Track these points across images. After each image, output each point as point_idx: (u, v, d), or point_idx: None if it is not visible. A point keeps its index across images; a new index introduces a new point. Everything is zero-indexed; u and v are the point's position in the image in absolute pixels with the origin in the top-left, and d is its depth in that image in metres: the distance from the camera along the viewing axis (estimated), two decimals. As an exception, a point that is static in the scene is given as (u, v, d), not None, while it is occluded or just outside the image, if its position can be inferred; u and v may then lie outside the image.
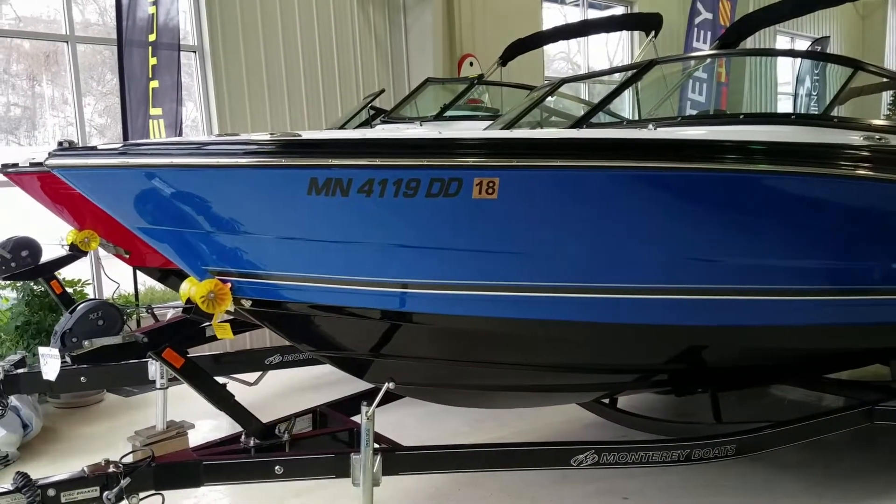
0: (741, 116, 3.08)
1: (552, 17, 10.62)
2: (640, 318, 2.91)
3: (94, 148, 2.61)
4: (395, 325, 2.92)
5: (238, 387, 4.48)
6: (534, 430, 4.54)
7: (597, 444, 2.95)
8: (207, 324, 3.20)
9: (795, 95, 12.84)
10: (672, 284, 2.88)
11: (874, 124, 3.14)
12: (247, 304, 2.77)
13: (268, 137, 2.45)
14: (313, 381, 5.70)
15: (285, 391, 5.60)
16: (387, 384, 2.80)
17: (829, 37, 13.47)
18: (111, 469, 2.69)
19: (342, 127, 6.22)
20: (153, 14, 6.32)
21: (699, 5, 9.98)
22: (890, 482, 3.68)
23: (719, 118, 3.47)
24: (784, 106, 13.38)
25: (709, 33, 10.07)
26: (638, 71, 3.40)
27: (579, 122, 3.26)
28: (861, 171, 2.89)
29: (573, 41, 11.11)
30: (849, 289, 3.18)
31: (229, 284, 2.70)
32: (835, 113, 3.18)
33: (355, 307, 2.81)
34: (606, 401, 4.24)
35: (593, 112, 3.28)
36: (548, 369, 3.24)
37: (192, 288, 2.64)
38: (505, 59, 7.15)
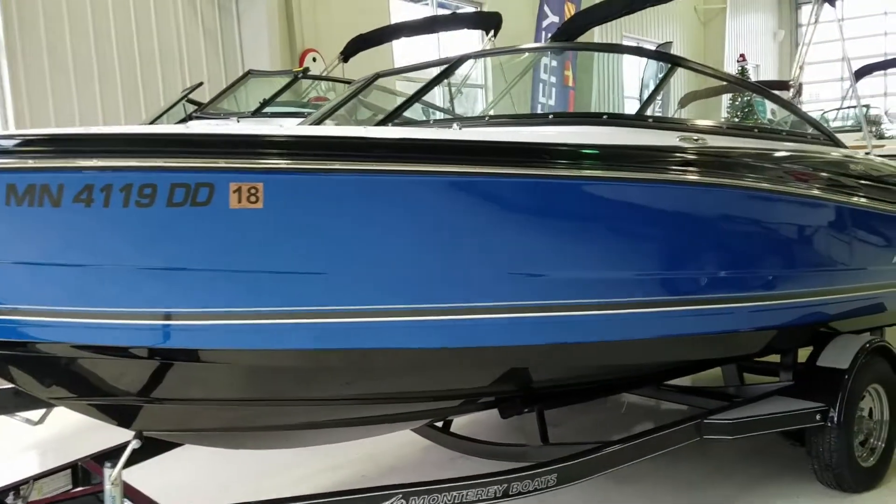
0: (550, 116, 2.83)
1: (404, 15, 10.32)
2: (458, 342, 2.58)
3: None
4: (165, 363, 2.43)
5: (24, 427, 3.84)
6: (369, 456, 4.15)
7: (404, 487, 2.59)
8: None
9: (640, 98, 13.30)
10: (491, 303, 2.57)
11: (693, 125, 2.96)
12: None
13: None
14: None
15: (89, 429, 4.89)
16: (132, 443, 2.30)
17: (671, 42, 14.02)
18: None
19: (153, 122, 5.57)
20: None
21: (546, 8, 10.01)
22: (728, 487, 3.62)
23: (529, 118, 3.24)
24: (631, 109, 13.81)
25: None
26: (449, 66, 3.11)
27: (384, 121, 2.90)
28: (674, 175, 2.69)
29: (438, 45, 10.94)
30: (673, 300, 3.00)
31: None
32: (672, 114, 3.01)
33: (107, 344, 2.29)
34: (439, 423, 3.92)
35: (401, 109, 2.94)
36: (355, 402, 2.87)
37: None
38: (346, 54, 6.77)
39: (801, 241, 3.39)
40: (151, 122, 5.62)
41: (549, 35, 10.21)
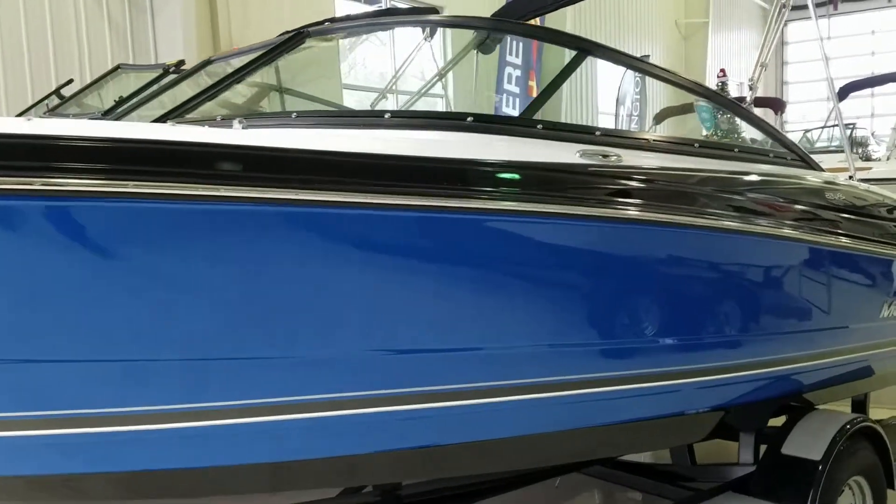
0: (386, 116, 2.00)
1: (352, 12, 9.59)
2: (285, 454, 1.77)
3: None
4: None
5: None
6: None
7: None
8: None
9: (616, 114, 12.52)
10: (327, 395, 1.75)
11: (604, 137, 2.10)
12: None
13: None
14: None
15: None
16: None
17: (649, 55, 13.31)
18: None
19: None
20: None
21: (509, 10, 9.28)
22: None
23: (360, 116, 2.42)
24: (606, 123, 13.02)
25: (520, 40, 9.43)
26: (275, 46, 2.31)
27: (163, 117, 2.07)
28: (572, 207, 1.85)
29: (392, 41, 10.23)
30: (593, 379, 2.15)
31: None
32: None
33: None
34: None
35: (191, 103, 2.11)
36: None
37: None
38: (270, 52, 5.96)
39: (762, 297, 2.56)
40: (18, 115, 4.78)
41: (513, 38, 9.53)
